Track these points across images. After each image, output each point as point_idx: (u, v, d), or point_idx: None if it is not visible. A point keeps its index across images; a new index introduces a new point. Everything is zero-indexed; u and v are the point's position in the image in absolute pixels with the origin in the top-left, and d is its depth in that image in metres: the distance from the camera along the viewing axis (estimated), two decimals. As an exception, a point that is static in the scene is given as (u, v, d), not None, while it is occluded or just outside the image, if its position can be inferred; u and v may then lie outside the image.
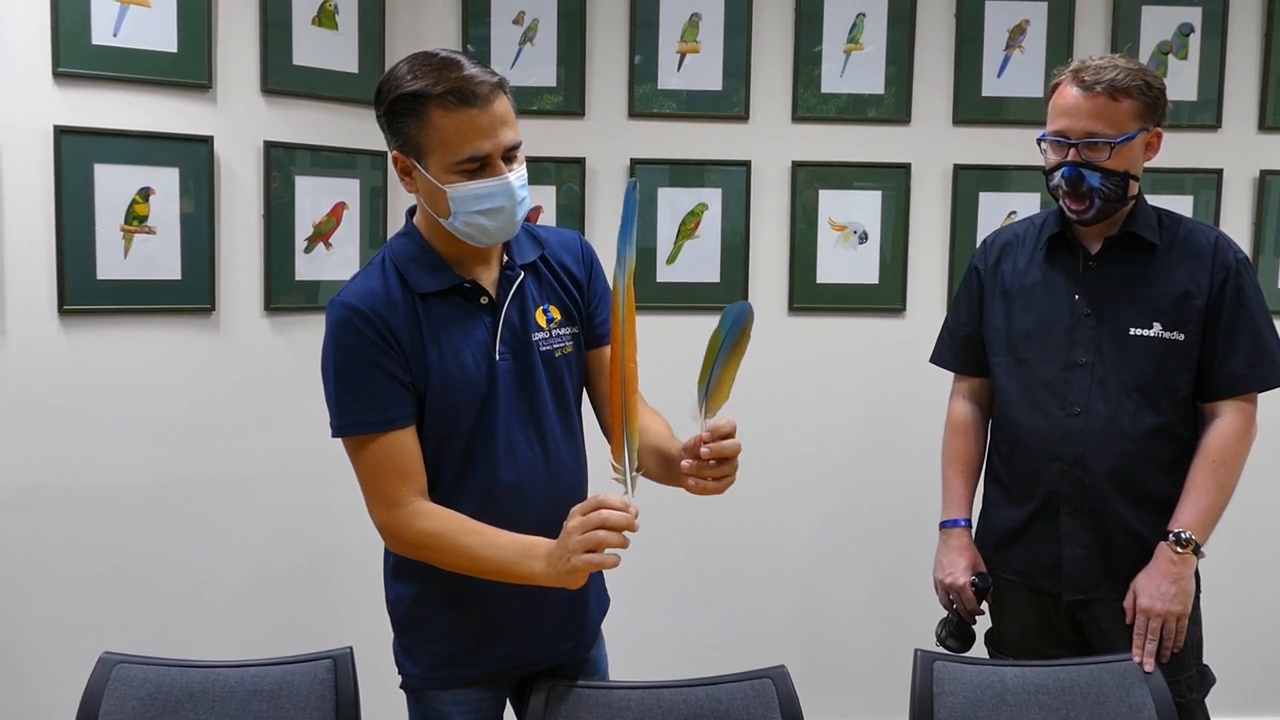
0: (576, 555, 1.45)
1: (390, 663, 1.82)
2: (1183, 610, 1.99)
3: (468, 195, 1.59)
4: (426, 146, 1.58)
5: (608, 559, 1.45)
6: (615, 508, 1.45)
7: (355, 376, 1.61)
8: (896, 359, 3.14)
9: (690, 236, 3.13)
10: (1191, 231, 2.08)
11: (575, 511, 1.48)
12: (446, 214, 1.61)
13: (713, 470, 1.55)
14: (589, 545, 1.44)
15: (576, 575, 1.47)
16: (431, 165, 1.59)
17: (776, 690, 1.81)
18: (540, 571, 1.53)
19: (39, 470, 2.47)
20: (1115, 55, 2.04)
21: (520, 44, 3.06)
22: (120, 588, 2.58)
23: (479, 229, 1.62)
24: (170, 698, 1.78)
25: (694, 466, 1.55)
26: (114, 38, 2.45)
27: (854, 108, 3.13)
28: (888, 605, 3.23)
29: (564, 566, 1.47)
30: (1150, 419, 2.04)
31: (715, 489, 1.57)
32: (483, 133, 1.56)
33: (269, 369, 2.76)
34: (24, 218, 2.40)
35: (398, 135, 1.61)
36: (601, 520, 1.44)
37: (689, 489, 1.59)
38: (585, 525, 1.45)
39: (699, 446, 1.54)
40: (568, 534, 1.47)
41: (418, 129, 1.57)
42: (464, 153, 1.57)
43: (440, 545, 1.61)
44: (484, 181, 1.59)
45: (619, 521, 1.44)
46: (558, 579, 1.50)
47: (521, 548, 1.57)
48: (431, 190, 1.60)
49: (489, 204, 1.60)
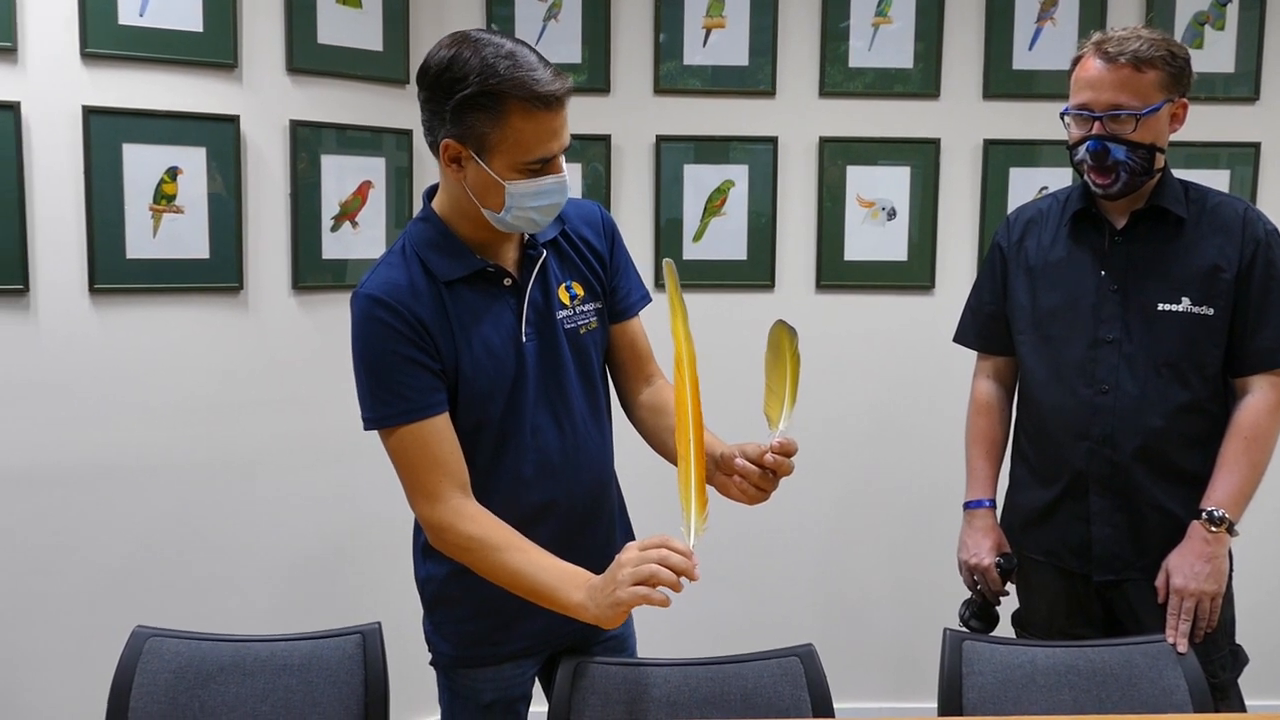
0: (624, 587, 1.41)
1: (417, 638, 1.83)
2: (1217, 590, 1.97)
3: (528, 192, 1.57)
4: (496, 144, 1.54)
5: (655, 595, 1.40)
6: (679, 551, 1.42)
7: (384, 368, 1.59)
8: (925, 337, 3.11)
9: (716, 214, 3.11)
10: (1220, 204, 2.05)
11: (633, 546, 1.45)
12: (499, 208, 1.58)
13: (764, 481, 1.57)
14: (642, 577, 1.40)
15: (620, 608, 1.43)
16: (495, 161, 1.55)
17: (804, 669, 1.80)
18: (578, 602, 1.49)
19: (70, 449, 2.50)
20: (1138, 26, 2.01)
21: (544, 21, 3.04)
22: (151, 566, 2.61)
23: (528, 222, 1.61)
24: (202, 671, 1.79)
25: (752, 472, 1.57)
26: (140, 18, 2.47)
27: (882, 82, 3.10)
28: (910, 585, 3.22)
29: (609, 598, 1.44)
30: (1180, 395, 2.01)
31: (756, 498, 1.59)
32: (554, 135, 1.56)
33: (296, 348, 2.77)
34: (54, 198, 2.42)
35: (461, 126, 1.54)
36: (662, 558, 1.41)
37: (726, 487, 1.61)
38: (644, 559, 1.42)
39: (763, 456, 1.56)
40: (620, 565, 1.43)
41: (490, 126, 1.53)
42: (536, 154, 1.55)
43: (482, 553, 1.59)
44: (546, 180, 1.58)
45: (679, 565, 1.41)
46: (596, 610, 1.47)
47: (564, 574, 1.54)
48: (486, 183, 1.57)
49: (547, 201, 1.59)
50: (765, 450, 1.56)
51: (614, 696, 1.76)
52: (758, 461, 1.57)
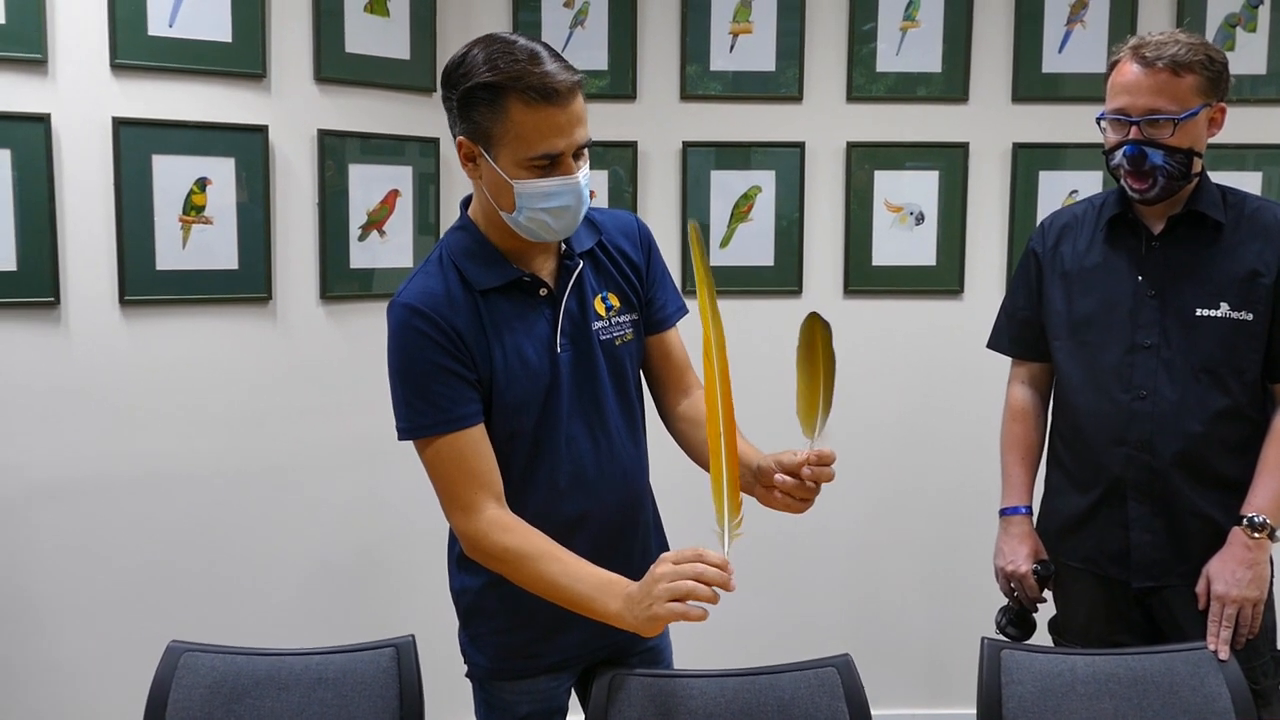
0: (660, 603, 1.39)
1: (448, 648, 1.83)
2: (1259, 596, 1.95)
3: (536, 192, 1.55)
4: (499, 138, 1.54)
5: (692, 611, 1.38)
6: (713, 564, 1.40)
7: (420, 378, 1.58)
8: (954, 341, 3.10)
9: (743, 219, 3.10)
10: (1258, 209, 2.03)
11: (667, 558, 1.43)
12: (511, 208, 1.58)
13: (804, 491, 1.55)
14: (676, 594, 1.38)
15: (655, 622, 1.41)
16: (501, 158, 1.55)
17: (841, 679, 1.78)
18: (615, 611, 1.48)
19: (101, 460, 2.50)
20: (1175, 30, 2.00)
21: (571, 27, 3.04)
22: (181, 576, 2.61)
23: (543, 226, 1.59)
24: (237, 685, 1.79)
25: (790, 485, 1.54)
26: (170, 28, 2.47)
27: (910, 86, 3.08)
28: (942, 592, 3.20)
29: (644, 612, 1.42)
30: (1219, 401, 1.99)
31: (797, 509, 1.57)
32: (559, 131, 1.53)
33: (325, 357, 2.77)
34: (84, 210, 2.43)
35: (468, 122, 1.56)
36: (697, 573, 1.39)
37: (766, 499, 1.59)
38: (677, 574, 1.39)
39: (801, 466, 1.53)
40: (655, 579, 1.41)
41: (492, 120, 1.53)
42: (538, 149, 1.53)
43: (518, 563, 1.58)
44: (553, 180, 1.55)
45: (714, 578, 1.38)
46: (633, 622, 1.45)
47: (600, 583, 1.52)
48: (497, 182, 1.57)
49: (556, 202, 1.56)
50: (802, 461, 1.54)
51: (649, 709, 1.74)
52: (795, 472, 1.54)
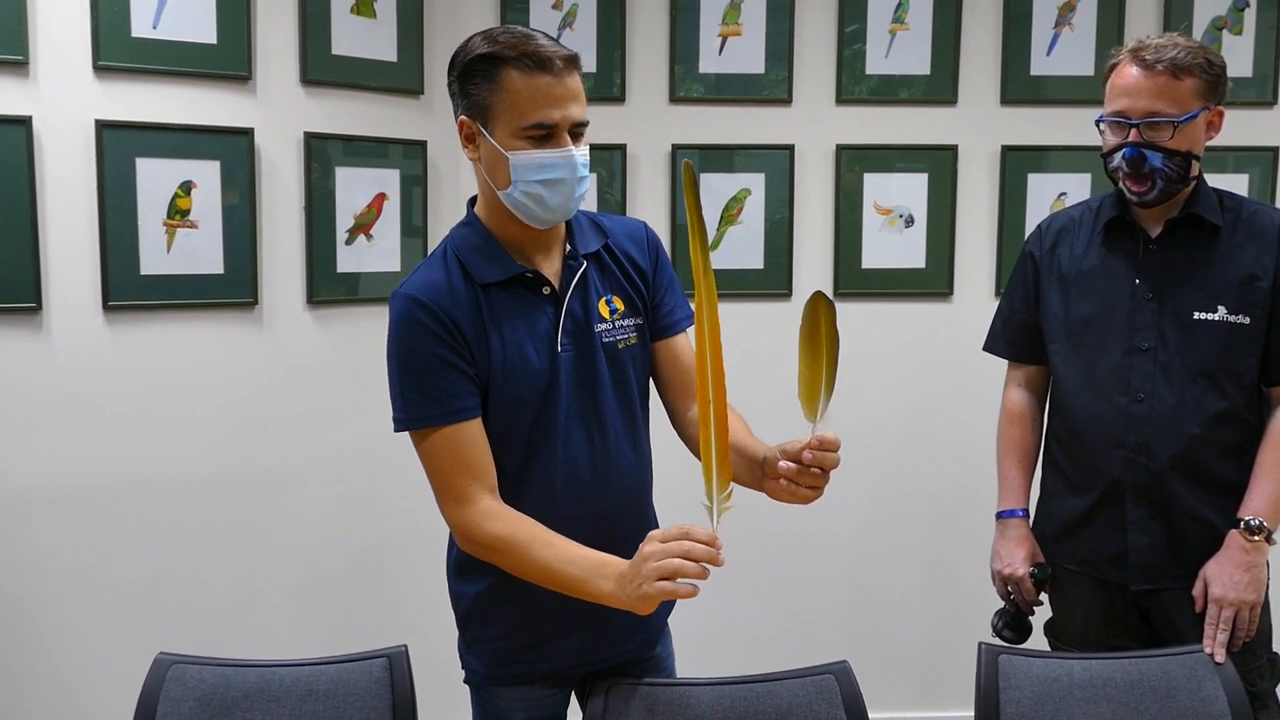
0: (650, 582, 1.39)
1: (442, 656, 1.81)
2: (1256, 599, 1.96)
3: (530, 163, 1.57)
4: (495, 109, 1.57)
5: (682, 588, 1.38)
6: (700, 540, 1.40)
7: (419, 369, 1.59)
8: (944, 344, 3.10)
9: (733, 222, 3.09)
10: (1256, 213, 2.04)
11: (654, 537, 1.43)
12: (506, 183, 1.59)
13: (810, 478, 1.52)
14: (664, 573, 1.38)
15: (647, 601, 1.41)
16: (498, 130, 1.57)
17: (840, 687, 1.78)
18: (609, 592, 1.48)
19: (85, 467, 2.47)
20: (1174, 34, 2.01)
21: (559, 29, 3.02)
22: (170, 584, 2.57)
23: (537, 200, 1.59)
24: (227, 698, 1.76)
25: (793, 471, 1.51)
26: (154, 30, 2.44)
27: (898, 89, 3.08)
28: (939, 595, 3.19)
29: (635, 591, 1.42)
30: (1216, 404, 1.99)
31: (806, 498, 1.54)
32: (554, 101, 1.55)
33: (312, 362, 2.74)
34: (67, 213, 2.40)
35: (467, 98, 1.59)
36: (684, 550, 1.39)
37: (776, 492, 1.56)
38: (665, 553, 1.39)
39: (803, 452, 1.51)
40: (644, 558, 1.42)
41: (489, 91, 1.56)
42: (532, 118, 1.55)
43: (510, 550, 1.58)
44: (548, 151, 1.57)
45: (702, 555, 1.38)
46: (627, 602, 1.45)
47: (593, 565, 1.52)
48: (494, 157, 1.58)
49: (551, 174, 1.58)
50: (804, 446, 1.51)
51: (648, 717, 1.73)
52: (799, 459, 1.52)
